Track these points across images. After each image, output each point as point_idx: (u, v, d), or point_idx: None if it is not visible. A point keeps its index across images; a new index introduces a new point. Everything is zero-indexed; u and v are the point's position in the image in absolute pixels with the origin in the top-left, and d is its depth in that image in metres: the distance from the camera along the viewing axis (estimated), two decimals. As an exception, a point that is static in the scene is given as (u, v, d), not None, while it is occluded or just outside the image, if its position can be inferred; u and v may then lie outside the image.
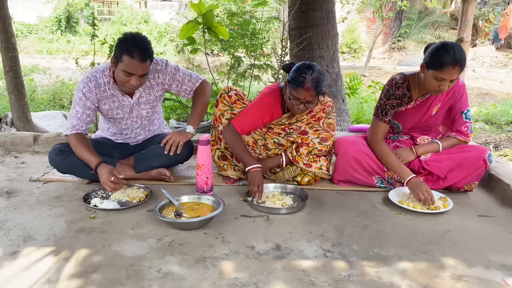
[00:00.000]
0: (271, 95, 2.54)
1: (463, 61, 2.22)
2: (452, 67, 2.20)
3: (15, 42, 4.01)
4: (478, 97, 8.03)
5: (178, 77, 2.61)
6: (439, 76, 2.24)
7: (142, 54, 2.26)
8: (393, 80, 2.53)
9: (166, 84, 2.61)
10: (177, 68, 2.62)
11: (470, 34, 3.69)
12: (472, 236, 2.04)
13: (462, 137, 2.53)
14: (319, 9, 4.07)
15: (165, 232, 2.01)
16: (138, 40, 2.29)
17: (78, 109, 2.47)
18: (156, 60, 2.54)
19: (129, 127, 2.70)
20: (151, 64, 2.39)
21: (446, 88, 2.29)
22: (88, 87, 2.44)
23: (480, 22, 14.15)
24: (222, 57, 10.10)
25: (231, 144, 2.52)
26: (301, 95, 2.30)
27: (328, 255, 1.84)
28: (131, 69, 2.28)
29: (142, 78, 2.36)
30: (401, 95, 2.50)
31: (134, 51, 2.24)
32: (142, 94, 2.57)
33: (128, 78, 2.32)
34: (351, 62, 13.09)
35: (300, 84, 2.27)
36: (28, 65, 9.52)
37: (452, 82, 2.27)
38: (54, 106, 6.16)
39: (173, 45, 14.65)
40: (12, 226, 2.06)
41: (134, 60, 2.26)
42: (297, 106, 2.36)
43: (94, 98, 2.47)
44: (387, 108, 2.52)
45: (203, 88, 2.68)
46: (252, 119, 2.53)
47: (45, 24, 17.17)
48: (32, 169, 2.93)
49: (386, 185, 2.58)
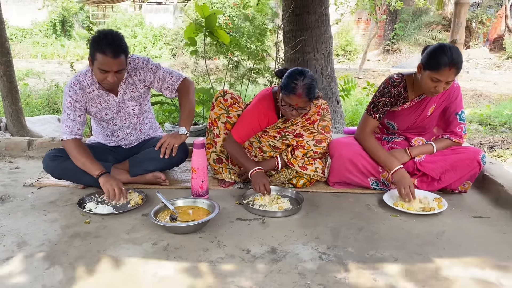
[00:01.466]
0: (265, 100, 2.54)
1: (460, 63, 2.23)
2: (449, 68, 2.21)
3: (9, 46, 4.01)
4: (472, 99, 8.08)
5: (159, 75, 2.63)
6: (435, 77, 2.26)
7: (114, 51, 2.27)
8: (390, 78, 2.55)
9: (148, 81, 2.63)
10: (158, 66, 2.64)
11: (463, 36, 3.72)
12: (467, 237, 2.04)
13: (456, 138, 2.54)
14: (313, 12, 4.08)
15: (160, 236, 2.01)
16: (109, 37, 2.29)
17: (69, 112, 2.48)
18: (137, 58, 2.59)
19: (120, 128, 2.70)
20: (126, 59, 2.38)
21: (442, 90, 2.30)
22: (74, 90, 2.46)
23: (473, 24, 14.26)
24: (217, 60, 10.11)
25: (233, 154, 2.54)
26: (293, 102, 2.30)
27: (324, 257, 1.84)
28: (106, 66, 2.29)
29: (119, 74, 2.36)
30: (397, 94, 2.51)
31: (106, 49, 2.26)
32: (126, 91, 2.59)
33: (104, 75, 2.33)
34: (346, 65, 13.15)
35: (292, 91, 2.27)
36: (22, 70, 9.50)
37: (448, 83, 2.28)
38: (48, 111, 6.15)
39: (168, 49, 14.68)
40: (6, 232, 2.05)
41: (107, 57, 2.27)
42: (290, 112, 2.36)
43: (82, 100, 2.49)
44: (379, 105, 2.54)
45: (186, 86, 2.68)
46: (250, 128, 2.54)
47: (39, 29, 17.13)
48: (26, 174, 2.91)
49: (381, 187, 2.59)
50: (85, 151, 2.47)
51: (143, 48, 14.95)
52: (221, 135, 2.64)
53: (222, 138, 2.64)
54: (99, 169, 2.41)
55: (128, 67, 2.54)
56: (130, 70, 2.56)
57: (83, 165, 2.43)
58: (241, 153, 2.51)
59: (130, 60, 2.56)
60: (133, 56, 2.59)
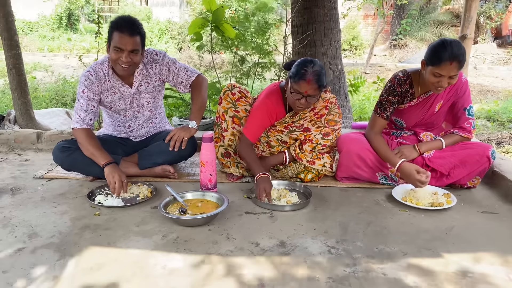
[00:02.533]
0: (273, 95, 2.54)
1: (462, 57, 2.22)
2: (450, 63, 2.20)
3: (18, 39, 4.02)
4: (480, 94, 8.02)
5: (174, 69, 2.65)
6: (437, 72, 2.25)
7: (130, 29, 2.34)
8: (395, 77, 2.53)
9: (163, 74, 2.65)
10: (174, 61, 2.67)
11: (473, 31, 3.69)
12: (476, 233, 2.04)
13: (465, 133, 2.53)
14: (322, 6, 4.06)
15: (170, 229, 2.02)
16: (127, 18, 2.39)
17: (82, 102, 2.50)
18: (154, 51, 2.63)
19: (132, 118, 2.72)
20: (142, 43, 2.43)
21: (446, 85, 2.28)
22: (90, 80, 2.49)
23: (481, 19, 14.12)
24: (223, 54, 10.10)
25: (243, 156, 2.54)
26: (303, 88, 2.28)
27: (333, 251, 1.84)
28: (121, 44, 2.34)
29: (134, 55, 2.39)
30: (403, 92, 2.50)
31: (123, 26, 2.33)
32: (141, 83, 2.61)
33: (118, 55, 2.37)
34: (353, 60, 13.08)
35: (302, 77, 2.26)
36: (30, 63, 9.53)
37: (451, 78, 2.26)
38: (56, 104, 6.17)
39: (174, 43, 14.66)
40: (17, 223, 2.07)
41: (123, 35, 2.33)
42: (299, 101, 2.32)
43: (96, 90, 2.52)
44: (386, 104, 2.53)
45: (200, 82, 2.70)
46: (261, 124, 2.54)
47: (46, 22, 17.17)
48: (35, 166, 2.94)
49: (390, 181, 2.58)
50: (95, 140, 2.48)
51: (149, 42, 14.94)
52: (229, 129, 2.64)
53: (230, 132, 2.65)
54: (106, 159, 2.41)
55: (144, 60, 2.58)
56: (146, 63, 2.59)
57: (91, 154, 2.45)
58: (253, 158, 2.49)
59: (147, 53, 2.59)
60: (150, 49, 2.62)
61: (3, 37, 3.91)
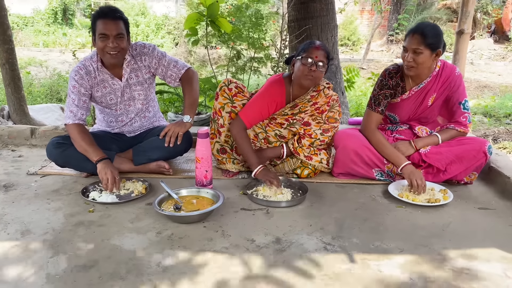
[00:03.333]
0: (276, 84, 2.53)
1: (427, 31, 2.30)
2: (412, 34, 2.33)
3: (11, 34, 3.98)
4: (477, 90, 8.02)
5: (164, 62, 2.65)
6: (404, 47, 2.37)
7: (112, 14, 2.39)
8: (386, 70, 2.56)
9: (152, 67, 2.65)
10: (164, 54, 2.67)
11: (471, 26, 3.67)
12: (472, 229, 2.03)
13: (461, 128, 2.52)
14: (319, 1, 4.03)
15: (164, 226, 2.00)
16: (107, 6, 2.48)
17: (74, 97, 2.49)
18: (143, 44, 2.64)
19: (124, 112, 2.70)
20: (126, 28, 2.46)
21: (410, 60, 2.34)
22: (80, 75, 2.49)
23: (478, 15, 14.11)
24: (220, 49, 10.05)
25: (239, 142, 2.51)
26: (313, 54, 2.35)
27: (329, 248, 1.83)
28: (105, 30, 2.36)
29: (119, 40, 2.40)
30: (395, 85, 2.52)
31: (104, 13, 2.38)
32: (131, 75, 2.61)
33: (104, 42, 2.38)
34: (350, 55, 13.06)
35: (311, 45, 2.38)
36: (24, 58, 9.46)
37: (415, 53, 2.32)
38: (51, 99, 6.13)
39: (171, 38, 14.58)
40: (10, 220, 2.04)
41: (106, 20, 2.37)
42: (309, 68, 2.35)
43: (87, 85, 2.52)
44: (380, 98, 2.53)
45: (190, 76, 2.69)
46: (259, 111, 2.52)
47: (41, 17, 17.02)
48: (29, 162, 2.91)
49: (386, 177, 2.57)
50: (87, 136, 2.46)
51: (145, 37, 14.86)
52: (226, 125, 2.62)
53: (226, 127, 2.62)
54: (99, 155, 2.39)
55: (134, 52, 2.59)
56: (135, 55, 2.60)
57: (84, 150, 2.43)
58: (247, 144, 2.48)
59: (136, 45, 2.61)
60: (139, 42, 2.64)
61: (-4, 31, 3.87)
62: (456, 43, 3.83)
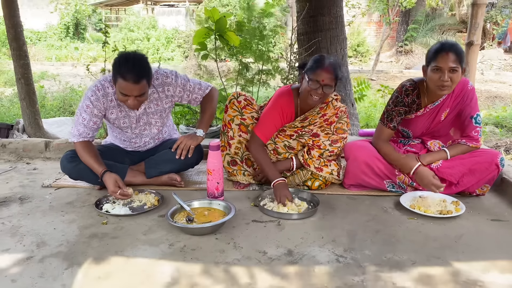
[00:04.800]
0: (284, 95, 2.55)
1: (458, 48, 2.27)
2: (446, 53, 2.25)
3: (27, 49, 4.06)
4: (488, 100, 7.97)
5: (188, 87, 2.62)
6: (436, 66, 2.28)
7: (135, 77, 2.24)
8: (403, 86, 2.52)
9: (177, 96, 2.62)
10: (187, 79, 2.63)
11: (480, 37, 3.67)
12: (485, 241, 2.02)
13: (473, 143, 2.47)
14: (328, 14, 4.07)
15: (177, 238, 2.02)
16: (130, 63, 2.25)
17: (85, 116, 2.46)
18: (166, 73, 2.56)
19: (138, 136, 2.71)
20: (149, 82, 2.36)
21: (447, 79, 2.27)
22: (96, 96, 2.44)
23: (488, 25, 14.08)
24: (229, 62, 10.14)
25: (257, 158, 2.53)
26: (320, 77, 2.32)
27: (341, 260, 1.83)
28: (126, 91, 2.28)
29: (141, 98, 2.34)
30: (410, 102, 2.49)
31: (127, 74, 2.23)
32: (150, 105, 2.59)
33: (125, 98, 2.32)
34: (359, 66, 13.08)
35: (319, 65, 2.32)
36: (37, 72, 9.63)
37: (452, 72, 2.26)
38: (64, 113, 6.22)
39: (181, 51, 14.76)
40: (26, 232, 2.08)
41: (127, 83, 2.24)
42: (315, 91, 2.34)
43: (102, 107, 2.48)
44: (393, 115, 2.52)
45: (212, 94, 2.71)
46: (272, 124, 2.55)
47: (53, 31, 17.37)
48: (44, 175, 2.95)
49: (398, 189, 2.57)
50: (91, 150, 2.47)
51: (156, 50, 15.06)
52: (235, 137, 2.65)
53: (236, 140, 2.65)
54: (100, 168, 2.41)
55: (155, 82, 2.53)
56: (157, 86, 2.54)
57: (90, 165, 2.45)
58: (265, 159, 2.50)
59: (158, 75, 2.54)
60: (161, 71, 2.56)
61: (12, 47, 3.96)
62: (466, 54, 3.83)
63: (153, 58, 14.60)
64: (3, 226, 2.14)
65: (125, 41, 15.27)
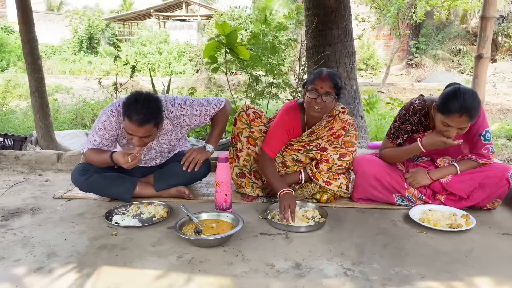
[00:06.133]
0: (290, 111, 2.57)
1: (473, 110, 2.14)
2: (459, 115, 2.14)
3: (41, 63, 4.16)
4: (500, 113, 7.90)
5: (205, 111, 2.61)
6: (445, 122, 2.20)
7: (140, 119, 2.23)
8: (411, 104, 2.49)
9: (193, 124, 2.63)
10: (201, 103, 2.61)
11: (490, 50, 3.66)
12: (496, 255, 1.99)
13: (483, 160, 2.44)
14: (336, 28, 4.11)
15: (185, 249, 2.03)
16: (140, 105, 2.24)
17: (96, 138, 2.50)
18: (180, 105, 2.55)
19: (148, 159, 2.76)
20: (158, 124, 2.35)
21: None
22: (110, 121, 2.45)
23: (499, 38, 14.02)
24: (240, 75, 10.23)
25: (264, 172, 2.55)
26: (318, 85, 2.35)
27: (349, 273, 1.82)
28: (131, 131, 2.29)
29: (146, 139, 2.34)
30: (417, 122, 2.47)
31: (133, 115, 2.23)
32: (164, 137, 2.61)
33: (130, 137, 2.33)
34: (369, 79, 13.08)
35: (316, 75, 2.39)
36: (51, 85, 9.81)
37: (461, 130, 2.21)
38: (76, 125, 6.32)
39: (192, 65, 14.94)
40: (37, 243, 2.10)
41: (132, 124, 2.25)
42: (315, 101, 2.35)
43: (114, 132, 2.50)
44: (400, 132, 2.51)
45: (225, 109, 2.71)
46: (280, 139, 2.56)
47: (67, 46, 17.72)
48: (55, 186, 3.00)
49: (407, 203, 2.55)
50: (97, 149, 2.50)
51: (168, 64, 15.27)
52: (244, 149, 2.66)
53: (245, 152, 2.66)
54: (108, 153, 2.45)
55: (170, 115, 2.54)
56: (171, 118, 2.55)
57: (97, 160, 2.49)
58: (272, 171, 2.50)
59: (173, 107, 2.53)
60: (176, 103, 2.54)
61: (27, 61, 4.06)
62: (475, 67, 3.82)
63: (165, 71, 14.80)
64: (15, 237, 2.17)
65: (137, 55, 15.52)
